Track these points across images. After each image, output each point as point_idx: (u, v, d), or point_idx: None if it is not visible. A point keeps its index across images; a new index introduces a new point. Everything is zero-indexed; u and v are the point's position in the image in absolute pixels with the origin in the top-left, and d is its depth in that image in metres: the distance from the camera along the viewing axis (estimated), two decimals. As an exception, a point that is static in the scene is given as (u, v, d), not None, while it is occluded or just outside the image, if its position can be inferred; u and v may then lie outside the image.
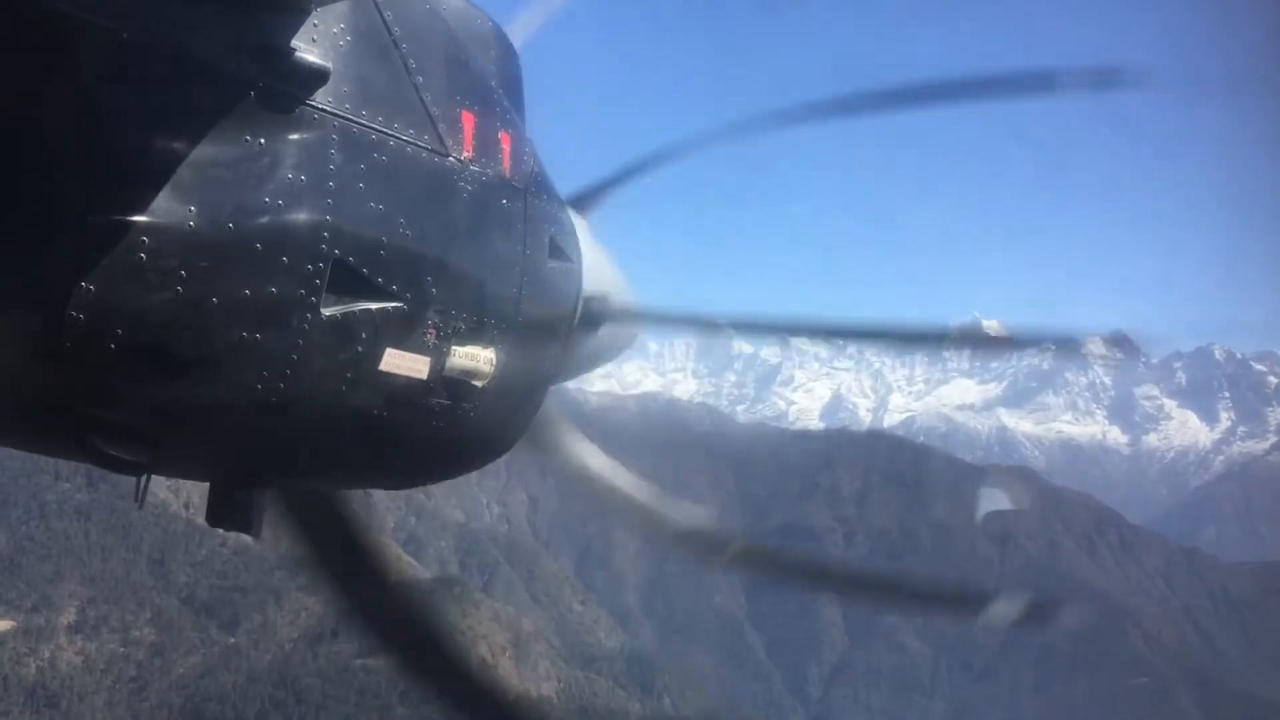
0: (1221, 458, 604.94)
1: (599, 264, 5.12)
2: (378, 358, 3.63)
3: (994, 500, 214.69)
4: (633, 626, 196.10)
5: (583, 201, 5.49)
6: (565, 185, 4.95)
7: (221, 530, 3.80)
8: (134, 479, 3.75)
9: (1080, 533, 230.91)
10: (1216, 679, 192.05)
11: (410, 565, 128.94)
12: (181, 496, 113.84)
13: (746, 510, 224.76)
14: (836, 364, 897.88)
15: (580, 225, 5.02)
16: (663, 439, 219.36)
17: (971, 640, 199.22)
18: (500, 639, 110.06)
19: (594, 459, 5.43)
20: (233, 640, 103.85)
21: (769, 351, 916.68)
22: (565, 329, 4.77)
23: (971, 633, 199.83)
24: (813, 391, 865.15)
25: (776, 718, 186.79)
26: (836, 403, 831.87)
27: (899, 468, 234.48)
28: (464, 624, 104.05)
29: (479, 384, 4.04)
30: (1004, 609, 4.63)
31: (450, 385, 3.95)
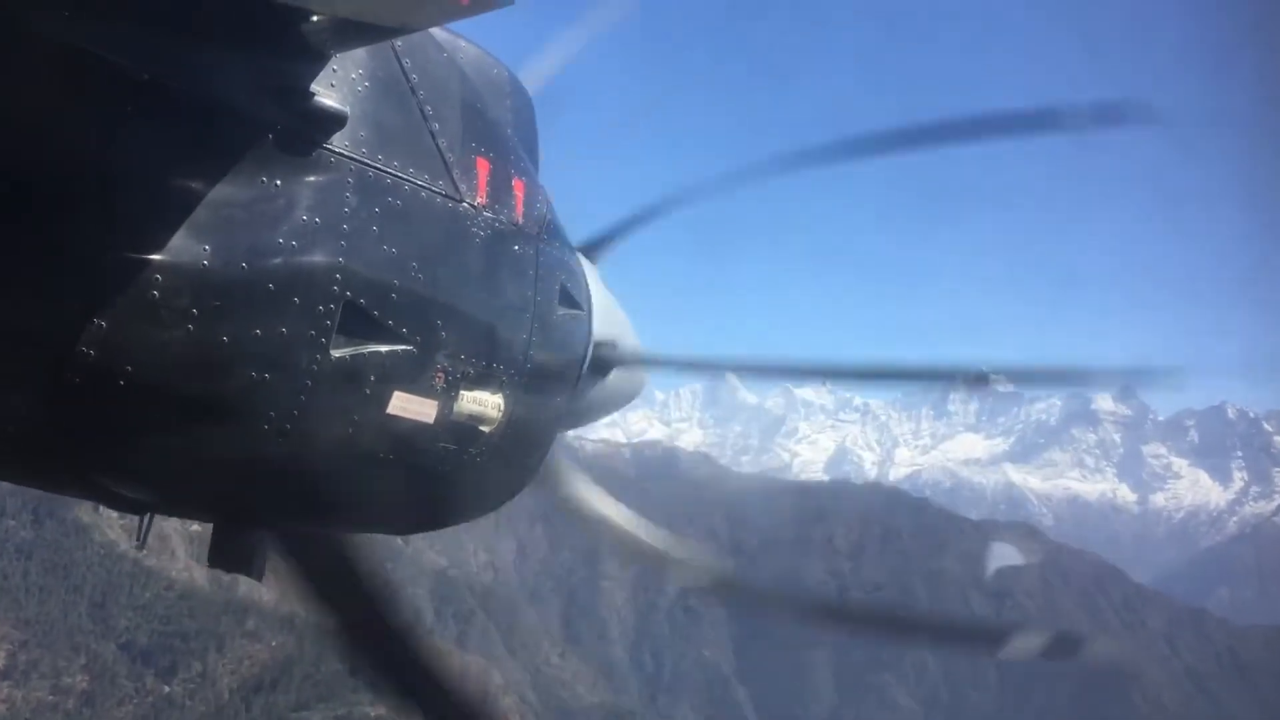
0: (1235, 518, 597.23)
1: (608, 310, 5.15)
2: (385, 401, 3.64)
3: (1003, 556, 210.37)
4: (618, 680, 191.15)
5: (593, 248, 5.51)
6: (580, 224, 5.08)
7: (165, 573, 3.78)
8: (134, 517, 3.89)
9: (1080, 590, 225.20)
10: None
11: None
12: (133, 538, 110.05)
13: (739, 561, 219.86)
14: (842, 416, 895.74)
15: (590, 271, 5.05)
16: (655, 488, 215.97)
17: (965, 700, 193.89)
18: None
19: (600, 500, 5.55)
20: (168, 690, 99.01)
21: (774, 403, 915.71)
22: (574, 376, 4.80)
23: (965, 693, 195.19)
24: (817, 444, 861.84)
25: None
26: (841, 455, 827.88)
27: (896, 521, 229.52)
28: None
29: (486, 429, 4.08)
30: (1028, 642, 4.84)
31: (457, 430, 3.97)
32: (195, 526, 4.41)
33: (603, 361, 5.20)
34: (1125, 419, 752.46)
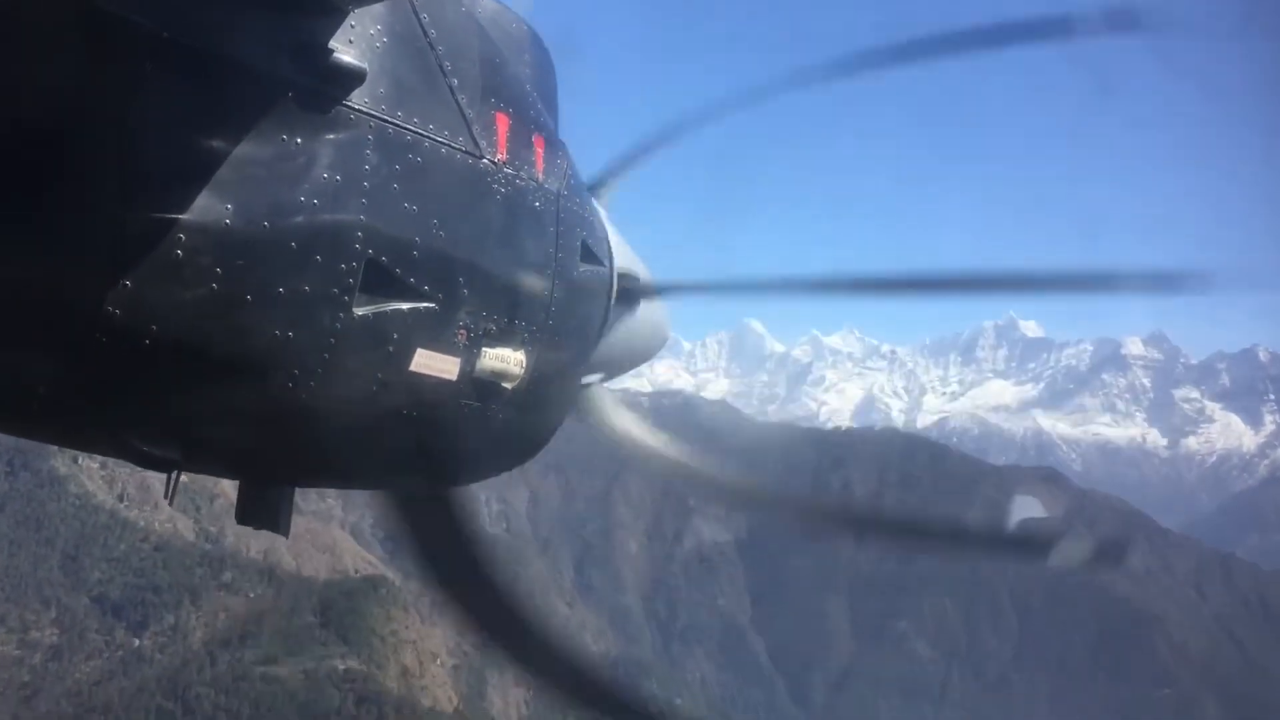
0: (1266, 462, 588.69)
1: (618, 246, 5.14)
2: (408, 358, 3.68)
3: (1026, 508, 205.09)
4: (632, 629, 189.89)
5: (598, 184, 5.56)
6: (589, 159, 5.03)
7: (144, 524, 4.13)
8: (162, 474, 3.79)
9: (1105, 536, 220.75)
10: (1246, 691, 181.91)
11: (367, 563, 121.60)
12: (116, 488, 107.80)
13: (740, 513, 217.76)
14: (869, 364, 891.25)
15: (601, 211, 5.11)
16: (670, 438, 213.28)
17: (984, 648, 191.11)
18: (433, 645, 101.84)
19: (641, 430, 5.65)
20: (138, 643, 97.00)
21: (801, 351, 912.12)
22: (596, 331, 4.86)
23: (984, 640, 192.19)
24: (844, 392, 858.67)
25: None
26: (869, 403, 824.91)
27: (915, 468, 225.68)
28: (386, 629, 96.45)
29: (509, 386, 4.12)
30: (1073, 549, 4.82)
31: (480, 386, 4.03)
32: (184, 478, 3.65)
33: (629, 293, 5.22)
34: (1156, 363, 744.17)
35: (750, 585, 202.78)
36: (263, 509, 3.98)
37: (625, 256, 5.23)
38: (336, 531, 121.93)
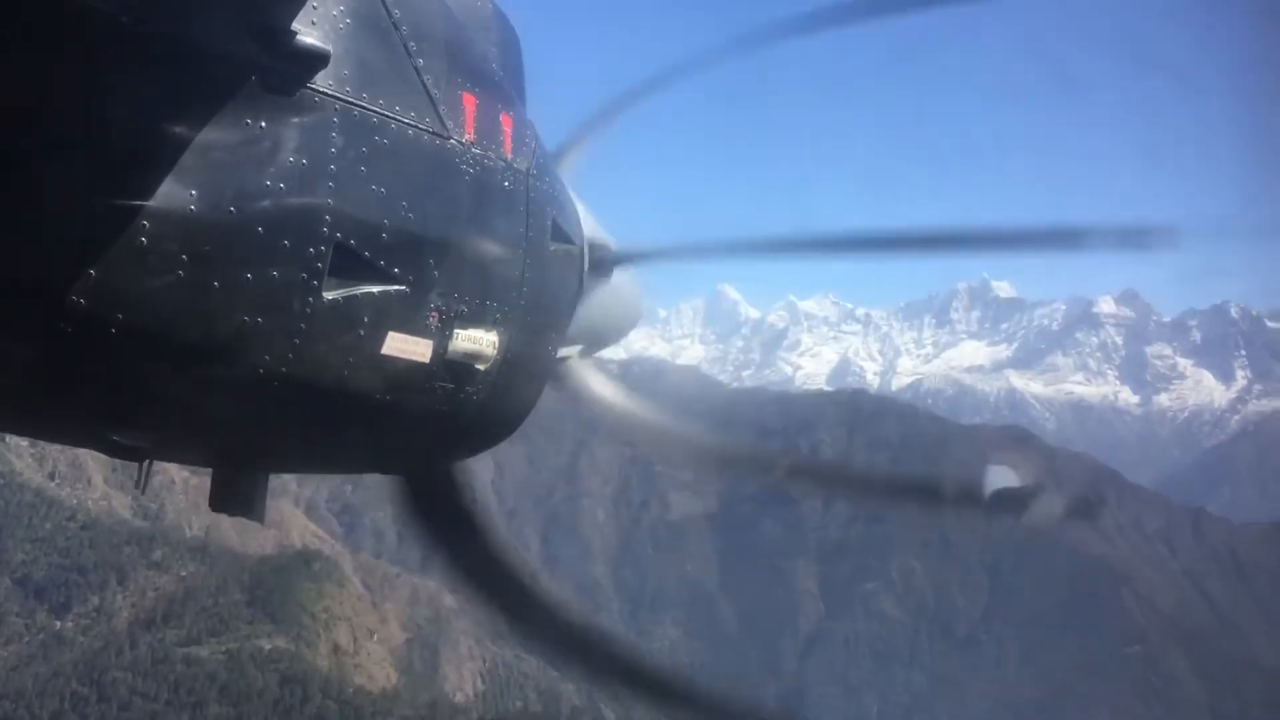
0: (1237, 417, 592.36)
1: (583, 215, 5.14)
2: (380, 341, 3.67)
3: (1002, 476, 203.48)
4: (599, 598, 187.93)
5: (559, 154, 5.56)
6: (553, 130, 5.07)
7: (75, 503, 4.28)
8: (136, 464, 3.90)
9: (1078, 493, 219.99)
10: (1215, 646, 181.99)
11: (318, 538, 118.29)
12: (46, 466, 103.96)
13: (721, 476, 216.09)
14: (844, 328, 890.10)
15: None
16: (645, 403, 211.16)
17: (953, 607, 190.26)
18: (370, 621, 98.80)
19: (620, 396, 5.78)
20: (59, 626, 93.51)
21: (776, 316, 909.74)
22: (569, 310, 4.87)
23: (952, 599, 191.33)
24: (820, 356, 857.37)
25: (746, 692, 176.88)
26: (844, 367, 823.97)
27: (883, 429, 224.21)
28: (318, 606, 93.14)
29: (482, 367, 4.12)
30: (1046, 506, 5.01)
31: (453, 368, 4.01)
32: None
33: (601, 263, 5.24)
34: (1128, 321, 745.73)
35: (719, 551, 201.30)
36: (237, 496, 4.03)
37: (590, 226, 5.17)
38: (287, 507, 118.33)
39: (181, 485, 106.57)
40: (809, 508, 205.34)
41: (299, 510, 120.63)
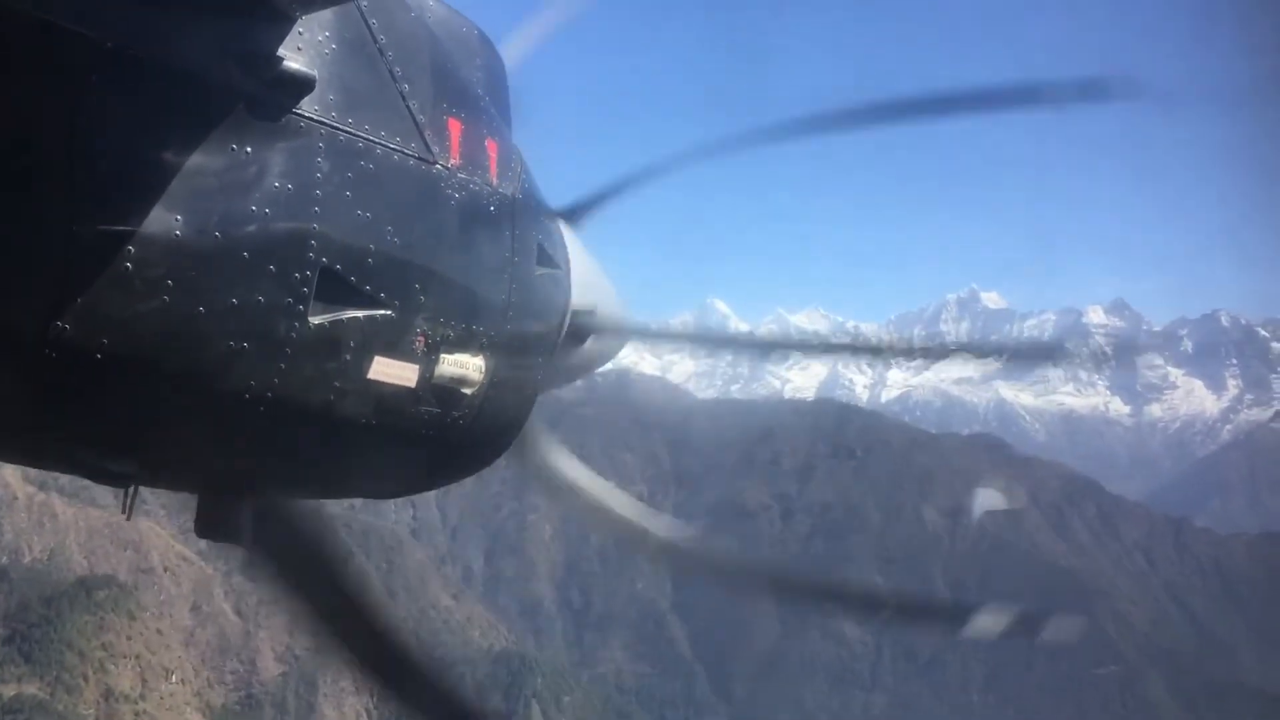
0: (1229, 427, 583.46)
1: (590, 276, 5.23)
2: (366, 366, 3.67)
3: (989, 500, 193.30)
4: (542, 619, 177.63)
5: (576, 213, 5.56)
6: (561, 193, 5.11)
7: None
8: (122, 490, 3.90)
9: (1049, 505, 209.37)
10: (1197, 666, 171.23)
11: (182, 558, 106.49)
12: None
13: (679, 488, 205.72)
14: (833, 341, 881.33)
15: (571, 237, 5.16)
16: (602, 414, 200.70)
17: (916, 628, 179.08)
18: (168, 659, 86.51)
19: (574, 469, 5.58)
20: None
21: (766, 331, 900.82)
22: (555, 335, 4.88)
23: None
24: (808, 369, 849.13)
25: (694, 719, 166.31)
26: (833, 380, 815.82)
27: (846, 438, 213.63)
28: (94, 642, 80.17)
29: (468, 391, 4.13)
30: (989, 620, 4.89)
31: (439, 393, 4.02)
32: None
33: (580, 329, 5.21)
34: (1118, 331, 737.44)
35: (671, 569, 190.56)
36: (221, 522, 3.93)
37: (595, 287, 5.21)
38: (145, 524, 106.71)
39: (25, 502, 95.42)
40: (766, 521, 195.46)
41: (162, 527, 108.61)
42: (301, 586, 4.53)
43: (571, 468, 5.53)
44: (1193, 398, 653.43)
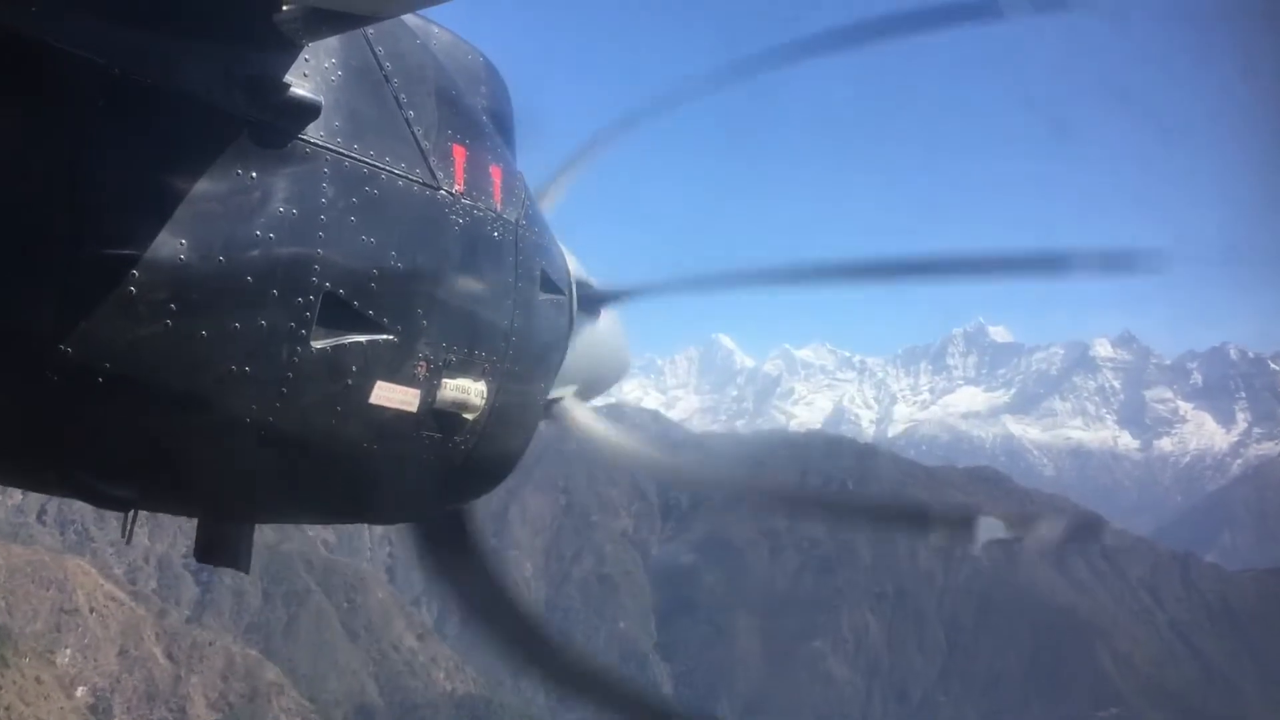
0: (1239, 461, 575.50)
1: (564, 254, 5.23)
2: (368, 390, 3.68)
3: (991, 529, 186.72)
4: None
5: (539, 190, 5.54)
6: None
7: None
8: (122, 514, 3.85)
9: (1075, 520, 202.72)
10: (1202, 707, 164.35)
11: (111, 598, 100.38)
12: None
13: (665, 522, 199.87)
14: (839, 375, 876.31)
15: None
16: (582, 446, 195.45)
17: (910, 666, 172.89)
18: (43, 711, 79.12)
19: (598, 422, 5.72)
20: None
21: (771, 365, 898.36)
22: (557, 361, 4.91)
23: (909, 659, 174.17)
24: (814, 404, 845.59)
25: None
26: (839, 415, 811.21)
27: (838, 472, 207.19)
28: None
29: (470, 416, 4.13)
30: (990, 525, 5.11)
31: (441, 418, 4.03)
32: None
33: (591, 301, 5.31)
34: (1126, 364, 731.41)
35: (656, 606, 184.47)
36: (223, 546, 4.00)
37: (573, 265, 5.18)
38: (72, 563, 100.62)
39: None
40: (754, 557, 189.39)
41: (91, 566, 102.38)
42: (464, 589, 5.10)
43: (608, 429, 5.63)
44: (1202, 431, 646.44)
